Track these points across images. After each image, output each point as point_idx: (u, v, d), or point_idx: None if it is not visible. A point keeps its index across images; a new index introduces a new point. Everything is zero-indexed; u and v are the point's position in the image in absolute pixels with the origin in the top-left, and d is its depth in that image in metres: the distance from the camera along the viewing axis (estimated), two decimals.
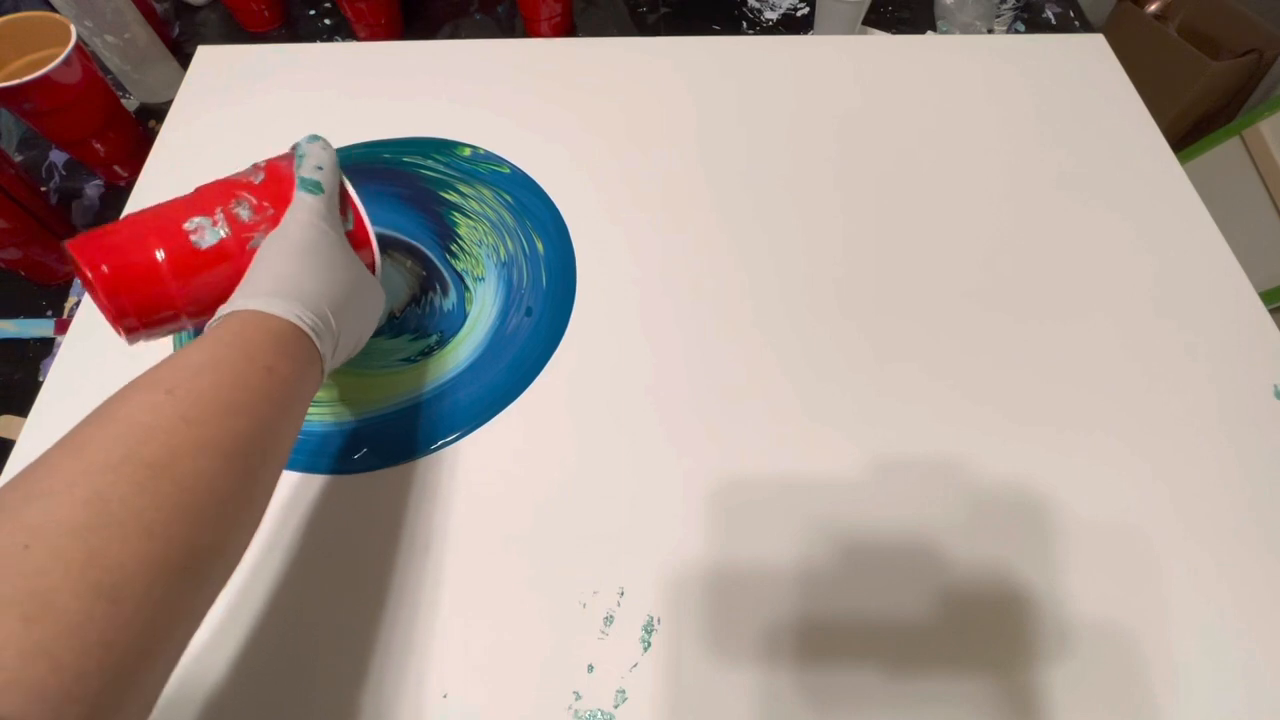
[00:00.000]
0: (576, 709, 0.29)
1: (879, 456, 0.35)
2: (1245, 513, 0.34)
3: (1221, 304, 0.40)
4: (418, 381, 0.38)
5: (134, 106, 0.57)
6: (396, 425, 0.36)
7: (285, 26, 0.62)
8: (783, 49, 0.52)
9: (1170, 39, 1.03)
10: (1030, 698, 0.29)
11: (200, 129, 0.47)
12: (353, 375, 0.38)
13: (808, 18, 0.62)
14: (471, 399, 0.37)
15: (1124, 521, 0.33)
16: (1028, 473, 0.34)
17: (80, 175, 0.52)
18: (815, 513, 0.33)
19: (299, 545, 0.33)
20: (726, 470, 0.34)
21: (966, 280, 0.40)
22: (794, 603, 0.31)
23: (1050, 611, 0.31)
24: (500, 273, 0.42)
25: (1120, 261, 0.41)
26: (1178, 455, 0.35)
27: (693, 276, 0.41)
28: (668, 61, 0.51)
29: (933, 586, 0.32)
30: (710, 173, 0.45)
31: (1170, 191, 0.44)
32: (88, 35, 0.50)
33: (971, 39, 0.54)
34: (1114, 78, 0.50)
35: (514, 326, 0.39)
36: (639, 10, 0.62)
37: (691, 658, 0.30)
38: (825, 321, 0.39)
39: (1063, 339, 0.38)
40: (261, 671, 0.30)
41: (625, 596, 0.31)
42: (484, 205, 0.44)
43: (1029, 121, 0.47)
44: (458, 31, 0.61)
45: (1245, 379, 0.37)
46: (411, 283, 0.41)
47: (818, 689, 0.30)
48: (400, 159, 0.46)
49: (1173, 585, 0.32)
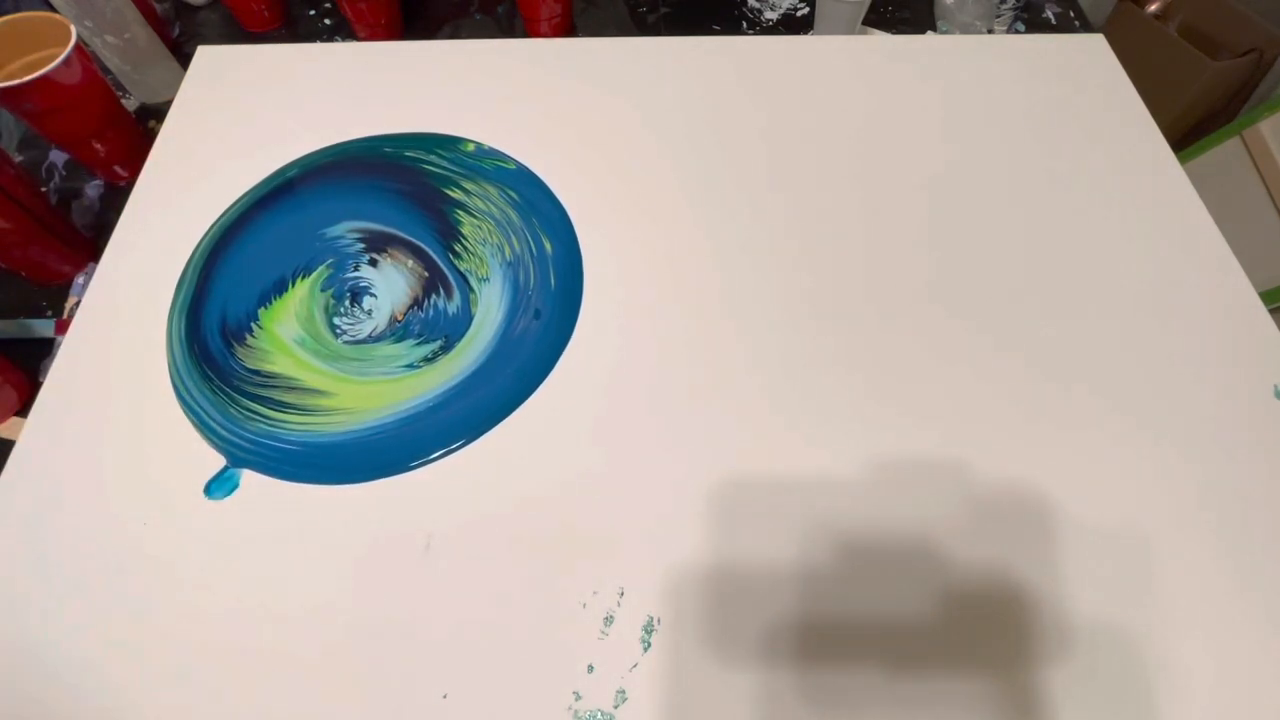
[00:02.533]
0: (576, 709, 0.29)
1: (880, 456, 0.35)
2: (1245, 513, 0.34)
3: (1221, 304, 0.40)
4: (421, 389, 0.37)
5: (134, 106, 0.57)
6: (398, 435, 0.35)
7: (285, 26, 0.62)
8: (782, 49, 0.52)
9: (1170, 39, 1.03)
10: (1030, 698, 0.29)
11: (200, 129, 0.47)
12: (355, 383, 0.37)
13: (808, 18, 0.62)
14: (477, 406, 0.36)
15: (1124, 521, 0.33)
16: (1028, 473, 0.35)
17: (80, 175, 0.52)
18: (815, 513, 0.33)
19: (299, 548, 0.33)
20: (727, 470, 0.34)
21: (966, 280, 0.40)
22: (794, 603, 0.31)
23: (1050, 611, 0.31)
24: (505, 273, 0.41)
25: (1120, 261, 0.41)
26: (1177, 455, 0.35)
27: (692, 277, 0.41)
28: (667, 62, 0.51)
29: (933, 586, 0.32)
30: (710, 172, 0.45)
31: (1170, 191, 0.44)
32: (88, 35, 0.50)
33: (971, 39, 0.54)
34: (1114, 78, 0.50)
35: (521, 329, 0.39)
36: (639, 10, 0.62)
37: (691, 658, 0.30)
38: (826, 321, 0.39)
39: (1062, 339, 0.38)
40: (262, 672, 0.30)
41: (625, 596, 0.31)
42: (489, 203, 0.43)
43: (1028, 121, 0.47)
44: (458, 31, 0.61)
45: (1245, 379, 0.37)
46: (413, 284, 0.41)
47: (818, 689, 0.30)
48: (402, 153, 0.46)
49: (1173, 585, 0.32)
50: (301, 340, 0.39)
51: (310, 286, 0.41)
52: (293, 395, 0.37)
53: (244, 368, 0.38)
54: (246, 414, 0.36)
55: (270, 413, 0.36)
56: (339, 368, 0.38)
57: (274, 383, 0.37)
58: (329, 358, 0.38)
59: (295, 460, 0.35)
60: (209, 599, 0.31)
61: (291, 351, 0.38)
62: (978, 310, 0.39)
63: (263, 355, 0.38)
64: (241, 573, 0.32)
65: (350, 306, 0.40)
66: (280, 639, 0.30)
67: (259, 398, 0.37)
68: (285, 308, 0.40)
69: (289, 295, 0.40)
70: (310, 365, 0.38)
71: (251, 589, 0.31)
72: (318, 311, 0.40)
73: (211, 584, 0.32)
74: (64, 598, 0.31)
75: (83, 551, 0.32)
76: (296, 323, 0.39)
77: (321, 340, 0.39)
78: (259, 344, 0.39)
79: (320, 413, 0.36)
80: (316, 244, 0.42)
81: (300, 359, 0.38)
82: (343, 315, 0.40)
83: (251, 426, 0.36)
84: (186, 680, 0.29)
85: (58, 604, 0.31)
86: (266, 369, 0.38)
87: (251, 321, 0.39)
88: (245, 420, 0.36)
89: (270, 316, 0.40)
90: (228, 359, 0.38)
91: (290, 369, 0.38)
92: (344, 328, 0.39)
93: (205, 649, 0.30)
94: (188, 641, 0.30)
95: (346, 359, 0.38)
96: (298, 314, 0.40)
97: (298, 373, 0.38)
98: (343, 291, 0.40)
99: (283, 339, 0.39)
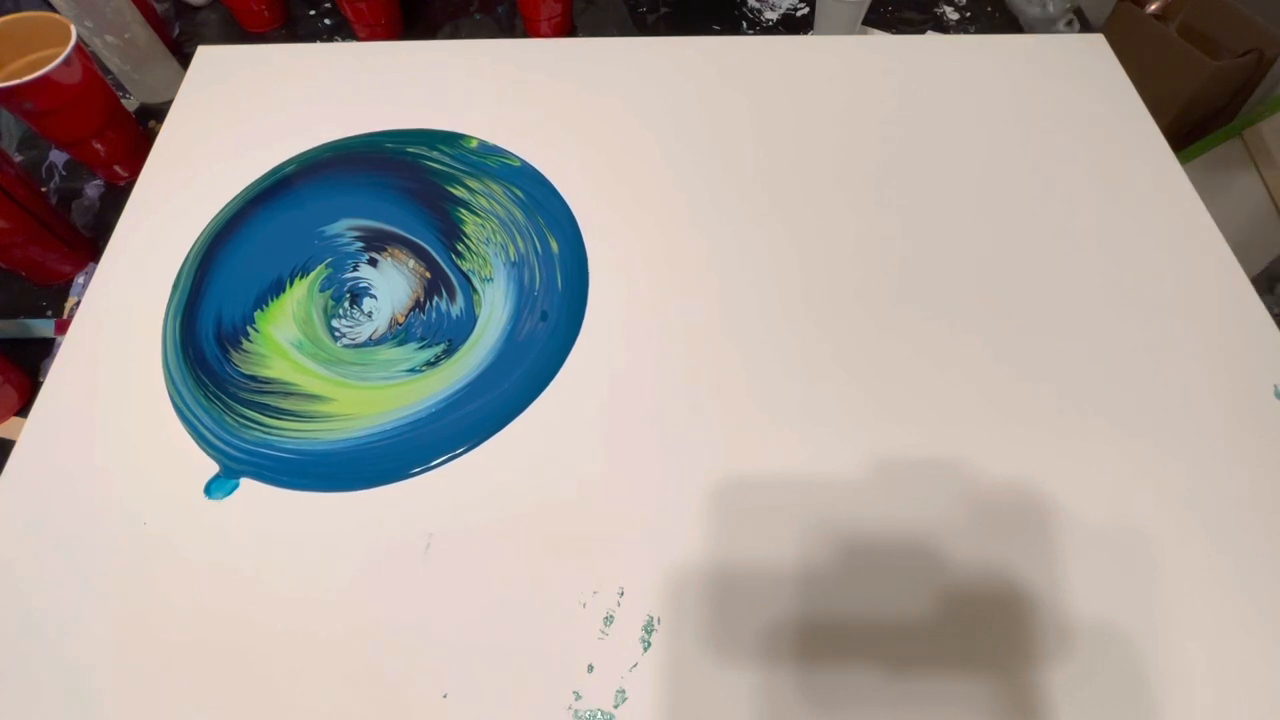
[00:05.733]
0: (576, 709, 0.29)
1: (880, 456, 0.35)
2: (1245, 513, 0.34)
3: (1221, 304, 0.40)
4: (424, 394, 0.36)
5: (134, 106, 0.57)
6: (399, 443, 0.35)
7: (285, 26, 0.62)
8: (782, 49, 0.52)
9: (1170, 39, 1.02)
10: (1030, 698, 0.29)
11: (200, 129, 0.47)
12: (355, 388, 0.36)
13: (808, 18, 0.62)
14: (481, 411, 0.35)
15: (1124, 522, 0.33)
16: (1028, 473, 0.34)
17: (80, 175, 0.52)
18: (816, 513, 0.33)
19: (300, 549, 0.33)
20: (727, 470, 0.34)
21: (967, 280, 0.40)
22: (794, 603, 0.31)
23: (1050, 611, 0.31)
24: (510, 273, 0.40)
25: (1120, 261, 0.41)
26: (1177, 456, 0.35)
27: (692, 277, 0.41)
28: (667, 62, 0.51)
29: (933, 586, 0.32)
30: (710, 173, 0.45)
31: (1170, 191, 0.44)
32: (88, 35, 0.50)
33: (971, 39, 0.54)
34: (1114, 78, 0.50)
35: (527, 332, 0.38)
36: (639, 10, 0.62)
37: (691, 658, 0.30)
38: (827, 322, 0.39)
39: (1062, 339, 0.38)
40: (262, 672, 0.30)
41: (625, 596, 0.31)
42: (493, 201, 0.43)
43: (1028, 121, 0.47)
44: (458, 31, 0.61)
45: (1245, 379, 0.37)
46: (415, 285, 0.40)
47: (818, 689, 0.30)
48: (403, 149, 0.45)
49: (1173, 586, 0.32)
50: (299, 344, 0.38)
51: (308, 287, 0.40)
52: (290, 401, 0.36)
53: (240, 373, 0.37)
54: (242, 422, 0.35)
55: (267, 420, 0.36)
56: (338, 372, 0.37)
57: (271, 388, 0.37)
58: (328, 362, 0.37)
59: (291, 469, 0.34)
60: (208, 599, 0.31)
61: (289, 355, 0.38)
62: (977, 310, 0.39)
63: (259, 360, 0.38)
64: (241, 573, 0.32)
65: (349, 308, 0.39)
66: (280, 639, 0.30)
67: (255, 404, 0.36)
68: (282, 310, 0.39)
69: (286, 296, 0.40)
70: (308, 370, 0.37)
71: (251, 589, 0.31)
72: (316, 313, 0.39)
73: (211, 584, 0.32)
74: (63, 597, 0.31)
75: (82, 551, 0.32)
76: (294, 325, 0.39)
77: (320, 344, 0.38)
78: (255, 348, 0.38)
79: (319, 419, 0.36)
80: (315, 243, 0.42)
81: (298, 363, 0.37)
82: (341, 317, 0.39)
83: (247, 435, 0.35)
84: (186, 681, 0.29)
85: (57, 603, 0.31)
86: (263, 374, 0.37)
87: (248, 325, 0.39)
88: (240, 429, 0.35)
89: (267, 319, 0.39)
90: (223, 365, 0.37)
91: (288, 374, 0.37)
92: (343, 330, 0.39)
93: (205, 649, 0.30)
94: (187, 642, 0.30)
95: (346, 363, 0.37)
96: (295, 316, 0.39)
97: (295, 378, 0.37)
98: (342, 292, 0.40)
99: (280, 343, 0.38)
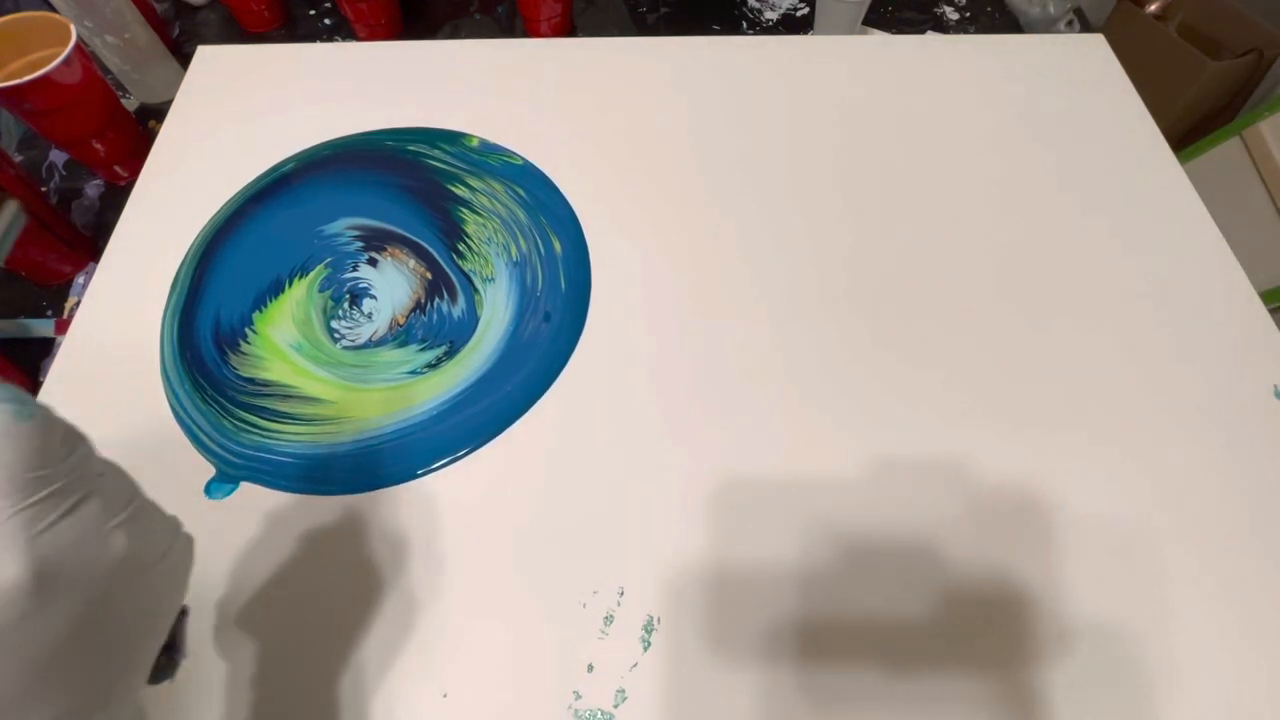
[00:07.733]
0: (576, 709, 0.29)
1: (880, 457, 0.35)
2: (1245, 513, 0.34)
3: (1221, 304, 0.40)
4: (425, 396, 0.36)
5: (134, 106, 0.57)
6: (400, 445, 0.34)
7: (285, 26, 0.62)
8: (783, 49, 0.52)
9: (1170, 39, 1.03)
10: (1030, 698, 0.29)
11: (200, 129, 0.47)
12: (355, 391, 0.36)
13: (808, 18, 0.62)
14: (483, 413, 0.35)
15: (1124, 522, 0.33)
16: (1028, 473, 0.34)
17: (80, 175, 0.52)
18: (815, 513, 0.33)
19: (299, 549, 0.33)
20: (727, 470, 0.34)
21: (967, 280, 0.40)
22: (794, 603, 0.31)
23: (1050, 611, 0.31)
24: (512, 274, 0.39)
25: (1120, 261, 0.41)
26: (1177, 456, 0.35)
27: (693, 277, 0.41)
28: (667, 61, 0.51)
29: (933, 586, 0.32)
30: (710, 173, 0.45)
31: (1170, 191, 0.44)
32: (88, 35, 0.50)
33: (971, 39, 0.54)
34: (1114, 78, 0.50)
35: (530, 333, 0.37)
36: (639, 10, 0.62)
37: (691, 658, 0.30)
38: (825, 322, 0.39)
39: (1063, 339, 0.38)
40: (262, 673, 0.30)
41: (625, 596, 0.31)
42: (494, 201, 0.42)
43: (1028, 121, 0.47)
44: (458, 31, 0.61)
45: (1245, 379, 0.37)
46: (415, 285, 0.40)
47: (818, 689, 0.30)
48: (404, 148, 0.45)
49: (1172, 586, 0.32)
50: (299, 345, 0.38)
51: (307, 287, 0.40)
52: (289, 404, 0.36)
53: (238, 376, 0.37)
54: (240, 425, 0.35)
55: (265, 423, 0.35)
56: (338, 374, 0.37)
57: (270, 391, 0.36)
58: (327, 364, 0.37)
59: (290, 474, 0.34)
60: (208, 599, 0.31)
61: (288, 357, 0.37)
62: (978, 310, 0.39)
63: (257, 362, 0.37)
64: (241, 572, 0.32)
65: (349, 309, 0.39)
66: (280, 639, 0.30)
67: (254, 407, 0.36)
68: (281, 310, 0.39)
69: (285, 297, 0.39)
70: (308, 372, 0.37)
71: (251, 589, 0.31)
72: (315, 314, 0.39)
73: (210, 584, 0.31)
74: None
75: None
76: (293, 326, 0.38)
77: (319, 345, 0.38)
78: (254, 350, 0.38)
79: (319, 422, 0.35)
80: (314, 242, 0.41)
81: (297, 365, 0.37)
82: (341, 318, 0.39)
83: (245, 439, 0.35)
84: (186, 680, 0.29)
85: None
86: (262, 376, 0.37)
87: (246, 326, 0.38)
88: (238, 433, 0.35)
89: (265, 320, 0.39)
90: (221, 368, 0.37)
91: (287, 376, 0.37)
92: (342, 332, 0.38)
93: (204, 649, 0.30)
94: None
95: (346, 365, 0.37)
96: (294, 317, 0.39)
97: (295, 380, 0.37)
98: (341, 293, 0.40)
99: (279, 344, 0.38)
